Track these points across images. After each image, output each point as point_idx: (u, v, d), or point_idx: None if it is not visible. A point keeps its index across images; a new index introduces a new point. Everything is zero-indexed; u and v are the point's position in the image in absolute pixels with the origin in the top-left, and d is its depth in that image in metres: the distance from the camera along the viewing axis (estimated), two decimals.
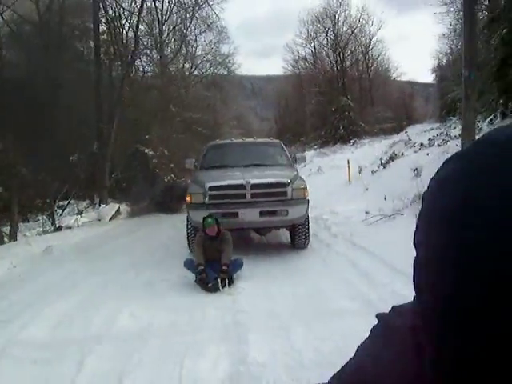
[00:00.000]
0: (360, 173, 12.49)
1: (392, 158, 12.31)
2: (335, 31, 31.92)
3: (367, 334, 0.43)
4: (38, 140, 14.65)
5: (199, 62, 25.35)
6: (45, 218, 15.11)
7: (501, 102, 10.64)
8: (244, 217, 5.36)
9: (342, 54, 32.06)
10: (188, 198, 5.62)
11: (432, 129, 18.77)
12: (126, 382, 2.80)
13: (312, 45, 34.21)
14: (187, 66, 24.33)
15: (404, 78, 40.60)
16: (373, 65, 35.71)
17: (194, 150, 16.08)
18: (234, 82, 29.00)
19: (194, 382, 2.78)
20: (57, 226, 11.61)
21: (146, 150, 14.71)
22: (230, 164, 6.26)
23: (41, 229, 12.63)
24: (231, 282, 4.49)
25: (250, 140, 7.68)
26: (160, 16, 21.06)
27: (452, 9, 20.78)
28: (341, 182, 12.42)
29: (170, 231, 7.88)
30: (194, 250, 4.75)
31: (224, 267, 4.47)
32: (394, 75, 38.99)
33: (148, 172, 14.32)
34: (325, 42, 33.30)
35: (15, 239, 11.04)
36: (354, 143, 22.15)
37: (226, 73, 26.67)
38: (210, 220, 4.77)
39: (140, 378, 2.87)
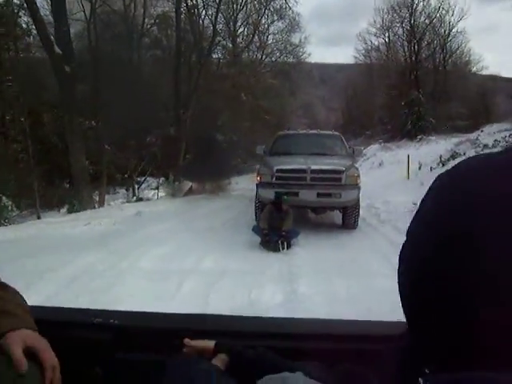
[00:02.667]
0: (420, 169, 13.13)
1: (453, 157, 12.80)
2: (411, 21, 31.49)
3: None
4: (121, 121, 16.78)
5: (270, 50, 26.48)
6: (124, 190, 17.34)
7: None
8: (304, 196, 6.57)
9: (417, 46, 31.60)
10: (258, 178, 6.95)
11: (506, 129, 18.38)
12: (212, 298, 4.16)
13: (386, 34, 33.99)
14: (258, 55, 25.65)
15: (486, 72, 38.76)
16: (451, 57, 34.59)
17: (260, 137, 17.46)
18: (302, 71, 29.73)
19: (258, 303, 4.06)
20: (138, 197, 13.51)
21: (217, 135, 16.30)
22: (295, 152, 7.47)
23: (123, 200, 14.68)
24: (289, 245, 5.76)
25: (314, 131, 8.84)
26: (235, 6, 22.46)
27: None
28: (399, 177, 13.15)
29: (239, 206, 9.30)
30: (262, 218, 6.06)
31: (284, 233, 5.73)
32: (475, 69, 37.47)
33: (218, 155, 15.90)
34: (400, 32, 32.93)
35: (103, 205, 13.12)
36: (420, 139, 22.30)
37: (295, 61, 27.52)
38: (277, 196, 6.09)
39: (219, 299, 4.20)
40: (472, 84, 35.32)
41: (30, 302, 3.13)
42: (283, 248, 5.65)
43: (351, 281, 4.51)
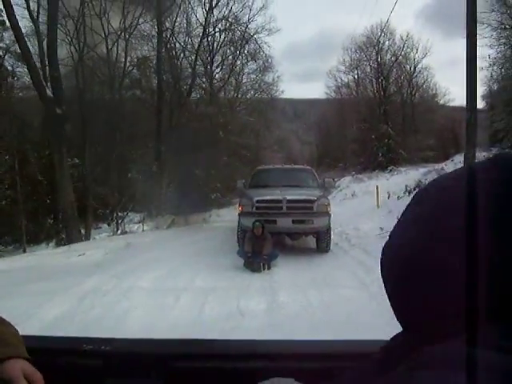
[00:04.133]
0: (388, 198, 14.38)
1: (418, 186, 14.12)
2: (378, 59, 33.91)
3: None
4: (104, 158, 17.63)
5: (245, 89, 28.07)
6: (106, 225, 17.98)
7: None
8: (281, 223, 7.56)
9: (384, 82, 33.91)
10: (240, 208, 7.93)
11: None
12: (206, 307, 5.00)
13: (355, 72, 36.37)
14: (234, 94, 27.17)
15: (453, 104, 40.81)
16: (417, 91, 36.90)
17: (237, 172, 18.54)
18: (276, 106, 31.34)
19: (246, 310, 4.92)
20: (124, 230, 14.22)
21: (197, 171, 17.29)
22: (272, 184, 8.52)
23: (108, 233, 15.32)
24: (269, 266, 6.69)
25: (288, 166, 9.97)
26: (211, 48, 24.05)
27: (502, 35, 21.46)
28: (370, 206, 14.34)
29: (221, 236, 10.18)
30: (246, 243, 6.98)
31: (265, 256, 6.66)
32: (442, 101, 39.73)
33: (197, 190, 16.84)
34: (368, 69, 35.34)
35: (89, 239, 13.75)
36: (391, 170, 23.87)
37: (269, 99, 29.12)
38: (257, 223, 7.04)
39: (212, 308, 5.04)
40: (439, 116, 37.46)
41: (54, 313, 4.42)
42: (264, 269, 6.56)
43: (322, 292, 5.45)
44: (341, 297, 5.17)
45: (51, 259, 8.64)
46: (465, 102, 8.75)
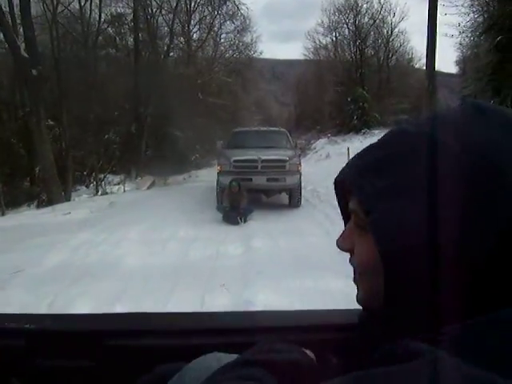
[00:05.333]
0: None
1: None
2: (356, 22, 34.10)
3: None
4: (80, 120, 17.78)
5: (223, 49, 28.03)
6: (84, 187, 18.39)
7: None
8: (256, 181, 8.32)
9: (361, 45, 34.26)
10: (219, 167, 8.64)
11: None
12: (190, 252, 5.76)
13: (333, 34, 36.47)
14: (212, 54, 27.14)
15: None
16: (393, 55, 37.54)
17: (216, 133, 19.02)
18: (254, 67, 31.45)
19: (225, 255, 5.70)
20: (104, 191, 14.74)
21: (176, 132, 17.73)
22: (248, 145, 9.19)
23: (87, 195, 15.78)
24: (245, 219, 7.48)
25: (264, 128, 10.63)
26: (189, 7, 23.87)
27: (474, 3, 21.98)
28: (342, 166, 15.20)
29: (201, 195, 10.90)
30: (224, 199, 7.74)
31: (241, 210, 7.43)
32: (418, 65, 40.53)
33: (176, 151, 17.36)
34: (346, 32, 35.51)
35: (69, 200, 14.22)
36: (364, 133, 24.74)
37: (247, 60, 29.16)
38: (234, 183, 7.78)
39: (195, 253, 5.80)
40: (414, 80, 38.35)
41: (55, 261, 5.42)
42: (241, 221, 7.34)
43: (290, 238, 6.29)
44: (306, 242, 6.01)
45: (39, 218, 9.19)
46: (439, 67, 9.47)
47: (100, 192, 15.30)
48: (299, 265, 4.65)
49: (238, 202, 7.58)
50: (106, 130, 18.82)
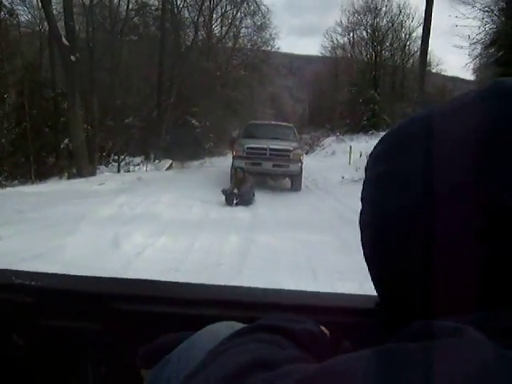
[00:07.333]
0: (360, 157, 17.05)
1: None
2: (374, 25, 35.63)
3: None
4: (105, 104, 19.68)
5: (241, 42, 29.68)
6: (104, 167, 20.35)
7: None
8: (264, 166, 10.21)
9: (378, 47, 35.79)
10: (234, 152, 10.55)
11: None
12: (211, 214, 7.62)
13: (351, 35, 38.05)
14: (231, 46, 28.90)
15: (446, 74, 42.77)
16: (409, 59, 38.81)
17: (230, 125, 20.93)
18: (272, 63, 33.06)
19: (237, 217, 7.54)
20: (127, 170, 16.68)
21: (193, 121, 19.61)
22: (259, 136, 11.07)
23: (108, 173, 17.70)
24: (241, 203, 9.28)
25: (274, 122, 12.54)
26: (211, 2, 25.67)
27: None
28: (343, 163, 17.02)
29: (216, 176, 12.79)
30: (231, 183, 9.57)
31: (240, 193, 9.25)
32: (435, 70, 41.62)
33: (193, 138, 19.26)
34: (364, 34, 37.05)
35: (95, 175, 16.17)
36: (371, 134, 26.43)
37: (265, 55, 30.76)
38: (239, 170, 9.61)
39: (214, 215, 7.66)
40: (429, 85, 39.63)
41: (107, 213, 7.99)
42: (233, 204, 8.98)
43: (289, 211, 8.18)
44: (300, 212, 7.90)
45: (76, 186, 11.06)
46: (457, 73, 11.16)
47: (122, 171, 17.23)
48: (290, 224, 6.53)
49: (240, 186, 9.28)
50: (127, 114, 20.73)
